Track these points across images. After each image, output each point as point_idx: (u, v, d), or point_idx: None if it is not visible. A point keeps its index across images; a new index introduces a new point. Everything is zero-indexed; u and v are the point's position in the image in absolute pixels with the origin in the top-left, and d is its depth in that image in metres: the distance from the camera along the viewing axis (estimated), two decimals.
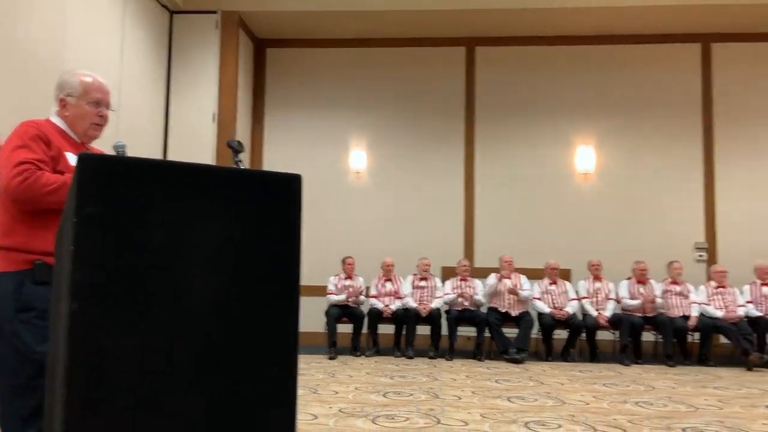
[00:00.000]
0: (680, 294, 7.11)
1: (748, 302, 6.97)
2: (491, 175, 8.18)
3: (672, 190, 7.92)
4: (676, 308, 7.03)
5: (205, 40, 7.43)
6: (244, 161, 1.92)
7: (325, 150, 8.36)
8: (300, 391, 4.65)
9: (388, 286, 7.40)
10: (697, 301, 7.03)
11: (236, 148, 1.94)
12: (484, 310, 7.19)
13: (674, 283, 7.16)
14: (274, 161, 8.35)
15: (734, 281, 7.15)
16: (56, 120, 2.29)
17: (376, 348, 7.12)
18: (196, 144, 7.25)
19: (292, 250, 1.73)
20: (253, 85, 8.43)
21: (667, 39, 8.02)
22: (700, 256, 7.79)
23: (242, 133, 7.94)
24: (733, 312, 6.81)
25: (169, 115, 7.37)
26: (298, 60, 8.49)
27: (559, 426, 3.66)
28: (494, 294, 7.14)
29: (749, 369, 6.32)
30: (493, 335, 6.95)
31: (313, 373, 5.60)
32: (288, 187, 1.76)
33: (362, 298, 7.34)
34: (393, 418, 3.80)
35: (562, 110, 8.18)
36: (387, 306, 7.19)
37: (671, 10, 7.33)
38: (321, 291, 7.50)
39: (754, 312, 6.86)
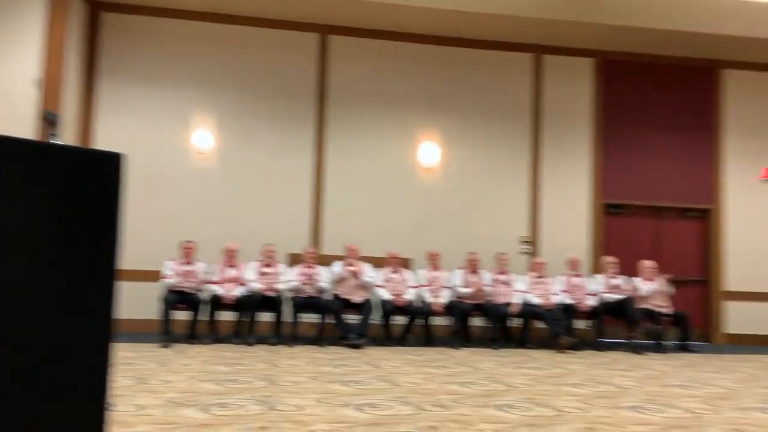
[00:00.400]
0: (506, 283, 7.75)
1: (562, 291, 7.78)
2: (340, 163, 8.29)
3: (503, 188, 8.60)
4: (501, 296, 7.65)
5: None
6: (62, 135, 1.74)
7: (167, 128, 7.92)
8: (126, 382, 4.40)
9: (231, 272, 7.21)
10: (520, 289, 7.71)
11: (51, 120, 1.77)
12: (328, 297, 7.29)
13: (501, 272, 7.78)
14: (107, 137, 7.74)
15: (552, 272, 7.94)
16: None
17: (215, 335, 6.92)
18: (11, 112, 6.48)
19: (109, 233, 1.62)
20: (86, 52, 7.72)
21: (504, 47, 8.65)
22: (525, 248, 8.53)
23: (71, 103, 7.25)
24: (548, 300, 7.56)
25: None
26: (140, 29, 7.93)
27: (390, 407, 3.82)
28: (339, 281, 7.26)
29: (560, 351, 7.06)
30: (335, 321, 7.07)
31: (143, 363, 5.30)
32: (106, 165, 1.65)
33: (202, 286, 7.08)
34: (226, 407, 3.72)
35: (410, 105, 8.50)
36: (228, 292, 7.01)
37: (507, 19, 7.90)
38: (154, 276, 7.13)
39: (567, 300, 7.68)
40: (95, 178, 1.57)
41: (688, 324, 7.77)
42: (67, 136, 6.86)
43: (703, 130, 8.98)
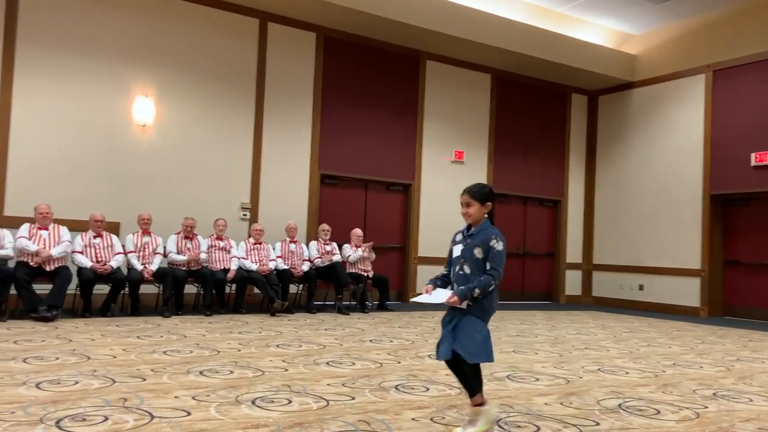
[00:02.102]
0: (223, 249, 7.67)
1: (278, 257, 8.01)
2: (30, 112, 7.19)
3: (225, 153, 8.43)
4: (218, 262, 7.56)
5: None
6: None
7: None
8: None
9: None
10: (237, 255, 7.71)
11: None
12: (11, 264, 6.32)
13: (219, 239, 7.67)
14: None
15: (269, 238, 8.11)
16: None
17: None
18: None
19: None
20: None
21: (230, 8, 8.41)
22: (245, 215, 8.54)
23: None
24: (265, 265, 7.72)
25: None
26: None
27: (76, 383, 3.49)
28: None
29: (272, 314, 7.28)
30: (20, 292, 6.17)
31: None
32: None
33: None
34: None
35: (122, 56, 7.75)
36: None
37: None
38: None
39: (282, 265, 7.93)
40: None
41: (388, 286, 8.69)
42: None
43: (408, 113, 10.01)
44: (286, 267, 7.95)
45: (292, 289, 8.18)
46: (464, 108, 10.57)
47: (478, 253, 2.82)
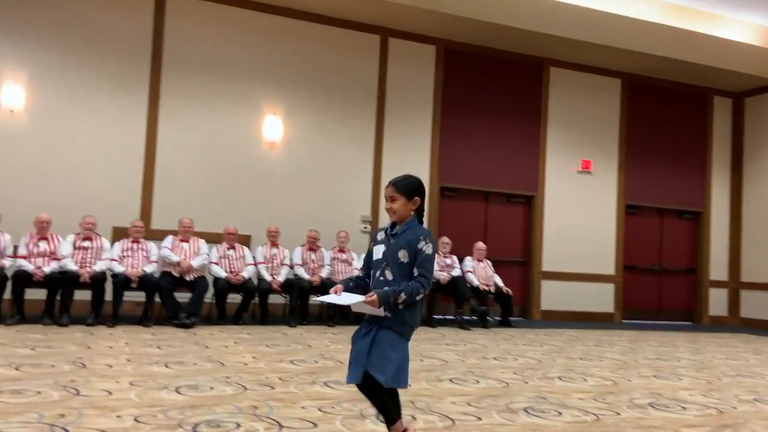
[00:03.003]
0: (345, 261, 7.81)
1: None
2: (175, 131, 7.77)
3: (347, 166, 8.62)
4: (340, 274, 7.70)
5: None
6: None
7: None
8: None
9: (42, 245, 6.47)
10: (359, 267, 7.81)
11: None
12: (157, 274, 6.82)
13: (341, 251, 7.82)
14: None
15: None
16: None
17: (21, 315, 6.18)
18: None
19: None
20: None
21: (352, 26, 8.62)
22: (366, 227, 8.66)
23: None
24: None
25: None
26: None
27: (212, 388, 3.65)
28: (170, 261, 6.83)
29: None
30: (164, 300, 6.65)
31: None
32: None
33: (6, 261, 6.26)
34: (20, 393, 3.30)
35: (255, 77, 8.19)
36: (39, 268, 6.29)
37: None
38: None
39: None
40: None
41: (510, 302, 8.41)
42: None
43: (530, 122, 9.70)
44: None
45: None
46: (591, 115, 10.06)
47: (403, 256, 2.42)
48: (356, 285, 2.56)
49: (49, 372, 3.91)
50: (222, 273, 7.04)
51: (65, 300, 6.27)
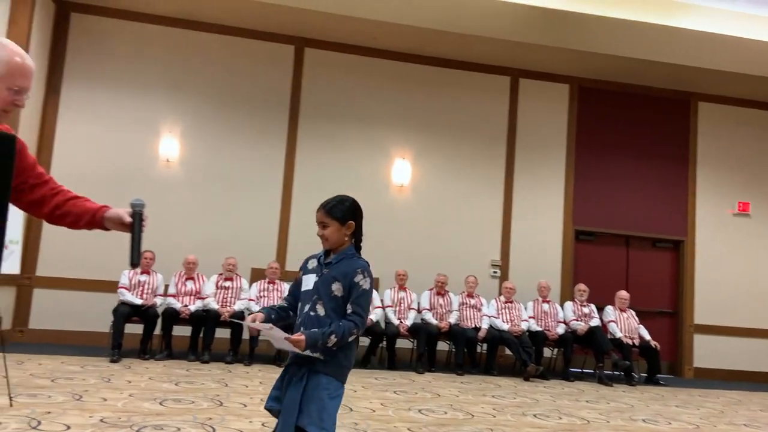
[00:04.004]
0: (474, 307, 7.57)
1: (530, 317, 7.62)
2: (310, 178, 8.07)
3: (475, 210, 8.44)
4: (469, 320, 7.46)
5: None
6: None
7: (132, 134, 7.64)
8: (60, 398, 4.09)
9: (189, 284, 6.92)
10: (488, 314, 7.53)
11: None
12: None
13: (469, 296, 7.60)
14: (69, 141, 7.44)
15: (521, 297, 7.78)
16: None
17: (169, 351, 6.60)
18: None
19: None
20: (51, 53, 7.43)
21: (481, 68, 8.57)
22: (495, 272, 8.37)
23: (31, 105, 6.97)
24: (516, 326, 7.39)
25: None
26: (109, 31, 7.68)
27: None
28: None
29: (526, 379, 6.87)
30: None
31: (84, 378, 4.98)
32: None
33: (158, 299, 6.76)
34: (162, 429, 3.44)
35: (384, 122, 8.35)
36: (186, 306, 6.72)
37: (484, 41, 7.80)
38: (111, 287, 6.81)
39: (535, 327, 7.51)
40: None
41: (658, 357, 7.65)
42: (24, 136, 6.56)
43: (676, 161, 8.97)
44: (539, 328, 7.51)
45: (546, 352, 7.66)
46: (750, 152, 9.12)
47: (337, 289, 2.14)
48: (278, 317, 2.22)
49: (189, 408, 4.07)
50: None
51: (208, 337, 6.61)
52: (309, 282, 2.20)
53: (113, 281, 6.81)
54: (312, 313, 2.14)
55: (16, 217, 4.14)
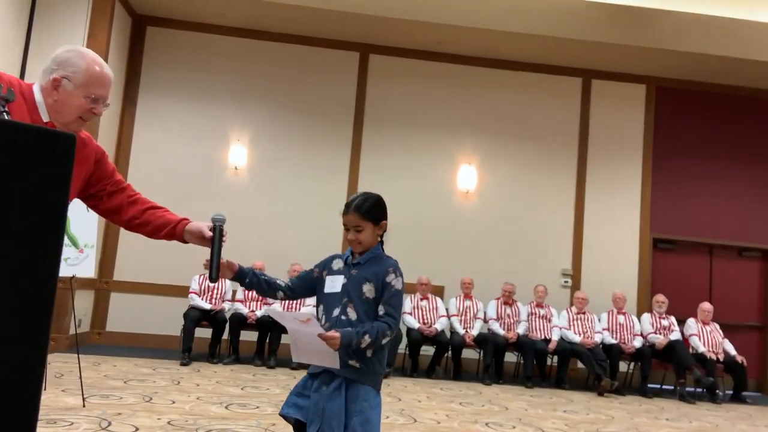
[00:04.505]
0: (543, 317, 7.29)
1: (604, 329, 7.26)
2: (374, 184, 8.00)
3: (545, 217, 8.16)
4: (538, 331, 7.19)
5: (74, 6, 6.72)
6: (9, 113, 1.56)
7: (203, 142, 7.86)
8: (131, 400, 4.18)
9: None
10: (559, 325, 7.23)
11: (5, 98, 1.57)
12: None
13: (539, 306, 7.33)
14: (144, 150, 7.74)
15: (594, 308, 7.43)
16: (37, 94, 1.84)
17: (236, 356, 6.70)
18: None
19: (50, 224, 1.39)
20: (128, 65, 7.76)
21: (551, 70, 8.30)
22: (566, 282, 8.05)
23: (110, 116, 7.28)
24: (589, 338, 7.06)
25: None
26: (182, 43, 7.94)
27: None
28: None
29: (600, 394, 6.53)
30: None
31: (155, 380, 5.09)
32: (56, 147, 1.42)
33: (226, 304, 6.88)
34: None
35: (449, 127, 8.22)
36: (252, 311, 6.80)
37: (554, 42, 7.55)
38: (183, 292, 6.99)
39: (609, 339, 7.15)
40: (44, 159, 1.37)
41: (744, 373, 7.11)
42: (103, 145, 6.86)
43: (765, 164, 8.37)
44: (614, 341, 7.15)
45: (622, 366, 7.27)
46: None
47: (368, 291, 1.98)
48: (256, 282, 2.13)
49: (254, 413, 4.07)
50: (415, 324, 6.98)
51: (274, 342, 6.66)
52: (336, 284, 2.06)
53: (185, 286, 6.99)
54: (343, 317, 2.00)
55: (92, 222, 4.29)
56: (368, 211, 2.06)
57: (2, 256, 1.32)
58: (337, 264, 2.11)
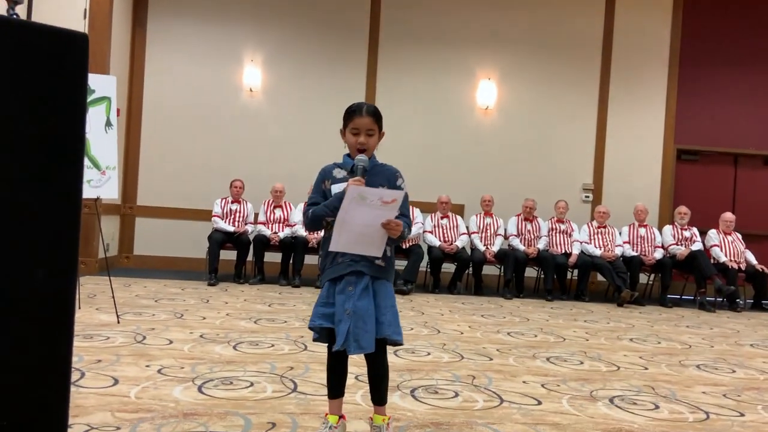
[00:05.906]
0: (564, 232, 7.29)
1: (624, 242, 7.25)
2: (391, 104, 7.89)
3: (566, 131, 8.01)
4: (559, 245, 7.21)
5: None
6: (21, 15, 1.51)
7: (216, 64, 7.72)
8: (162, 316, 4.33)
9: (278, 212, 7.07)
10: (579, 239, 7.24)
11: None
12: None
13: (559, 221, 7.32)
14: (157, 71, 7.63)
15: (615, 221, 7.40)
16: None
17: (261, 276, 6.84)
18: None
19: (72, 123, 1.38)
20: None
21: None
22: (587, 197, 8.00)
23: (120, 38, 7.14)
24: (610, 251, 7.07)
25: (32, 8, 6.44)
26: None
27: (428, 354, 3.58)
28: None
29: (620, 305, 6.61)
30: None
31: (184, 299, 5.25)
32: (71, 46, 1.39)
33: (249, 227, 6.97)
34: (257, 345, 3.57)
35: (467, 41, 7.95)
36: (275, 233, 6.89)
37: None
38: (206, 215, 7.09)
39: (630, 252, 7.16)
40: (58, 58, 1.34)
41: (765, 281, 7.12)
42: (114, 69, 6.78)
43: None
44: (634, 253, 7.16)
45: (642, 278, 7.32)
46: None
47: None
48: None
49: (282, 327, 4.20)
50: (436, 242, 7.03)
51: (297, 263, 6.78)
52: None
53: (207, 210, 7.07)
54: None
55: (112, 144, 4.29)
56: (380, 116, 2.08)
57: (20, 161, 1.31)
58: (340, 173, 2.08)
